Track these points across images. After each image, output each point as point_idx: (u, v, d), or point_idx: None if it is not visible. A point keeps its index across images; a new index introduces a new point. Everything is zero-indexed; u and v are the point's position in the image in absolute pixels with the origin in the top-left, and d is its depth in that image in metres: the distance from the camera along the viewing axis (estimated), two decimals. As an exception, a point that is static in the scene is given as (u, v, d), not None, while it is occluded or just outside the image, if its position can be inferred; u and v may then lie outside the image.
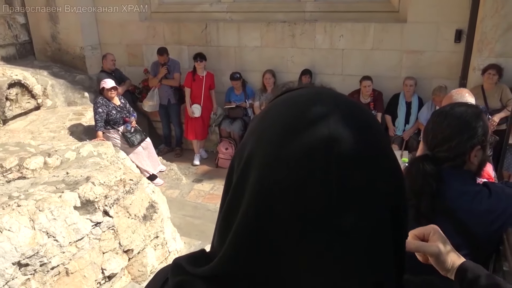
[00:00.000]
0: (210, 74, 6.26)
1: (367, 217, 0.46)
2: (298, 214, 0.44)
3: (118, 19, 6.87)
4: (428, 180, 1.32)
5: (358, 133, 0.47)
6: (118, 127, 5.37)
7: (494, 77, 4.69)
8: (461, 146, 1.36)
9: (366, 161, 0.46)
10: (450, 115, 1.40)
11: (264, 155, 0.47)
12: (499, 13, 4.60)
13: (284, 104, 0.51)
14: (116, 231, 2.91)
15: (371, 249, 0.46)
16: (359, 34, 5.78)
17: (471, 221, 1.32)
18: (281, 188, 0.45)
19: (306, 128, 0.46)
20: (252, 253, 0.46)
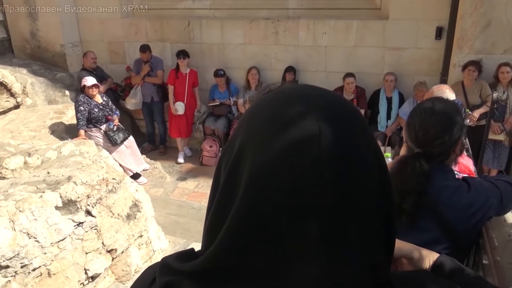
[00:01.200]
0: (193, 72, 6.22)
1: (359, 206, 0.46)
2: (291, 206, 0.45)
3: (99, 16, 6.77)
4: (421, 178, 1.33)
5: (347, 126, 0.48)
6: (100, 126, 5.30)
7: (474, 74, 4.77)
8: (451, 140, 1.39)
9: (356, 156, 0.47)
10: (436, 111, 1.40)
11: (254, 146, 0.47)
12: (478, 10, 4.68)
13: (272, 98, 0.52)
14: (99, 231, 2.88)
15: (364, 238, 0.47)
16: (342, 31, 5.82)
17: (451, 215, 1.35)
18: (274, 181, 0.45)
19: (296, 119, 0.46)
20: (246, 244, 0.46)
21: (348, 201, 0.46)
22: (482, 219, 1.40)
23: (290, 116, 0.47)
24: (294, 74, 5.99)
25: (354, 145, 0.48)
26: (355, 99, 5.71)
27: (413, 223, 1.34)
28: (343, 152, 0.46)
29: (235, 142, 0.50)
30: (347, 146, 0.47)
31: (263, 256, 0.45)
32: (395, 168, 1.37)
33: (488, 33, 4.75)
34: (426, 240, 1.35)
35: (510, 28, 4.65)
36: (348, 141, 0.47)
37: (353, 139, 0.48)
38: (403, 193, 1.33)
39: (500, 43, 4.75)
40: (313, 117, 0.46)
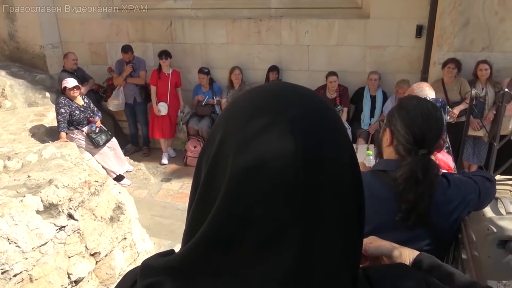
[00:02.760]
0: (176, 72, 6.19)
1: (336, 209, 0.47)
2: (270, 205, 0.45)
3: (80, 17, 6.68)
4: (437, 179, 1.34)
5: (323, 118, 0.49)
6: (82, 128, 5.24)
7: (454, 71, 4.85)
8: (441, 137, 1.42)
9: (331, 156, 0.48)
10: (432, 111, 1.41)
11: (235, 139, 0.48)
12: (456, 9, 4.76)
13: (251, 94, 0.53)
14: (82, 234, 2.84)
15: (341, 239, 0.48)
16: (324, 30, 5.86)
17: (432, 211, 1.36)
18: (253, 181, 0.46)
19: (273, 113, 0.47)
20: (225, 240, 0.46)
21: (323, 200, 0.46)
22: (462, 215, 1.42)
23: (267, 116, 0.48)
24: (277, 74, 6.01)
25: (329, 146, 0.48)
26: (337, 97, 5.76)
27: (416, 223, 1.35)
28: (319, 152, 0.47)
29: (214, 140, 0.50)
30: (322, 147, 0.47)
31: (242, 251, 0.46)
32: (414, 171, 1.31)
33: (467, 31, 4.84)
34: (408, 236, 1.37)
35: (487, 26, 4.75)
36: (324, 142, 0.48)
37: (329, 140, 0.49)
38: (422, 196, 1.31)
39: (478, 41, 4.85)
40: (290, 118, 0.47)
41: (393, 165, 1.40)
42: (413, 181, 1.30)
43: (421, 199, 1.30)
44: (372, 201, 1.39)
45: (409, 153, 1.36)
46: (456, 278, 0.86)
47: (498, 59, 4.86)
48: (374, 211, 1.37)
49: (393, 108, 1.49)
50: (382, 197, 1.37)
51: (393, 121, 1.43)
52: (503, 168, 3.59)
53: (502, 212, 1.72)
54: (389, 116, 1.47)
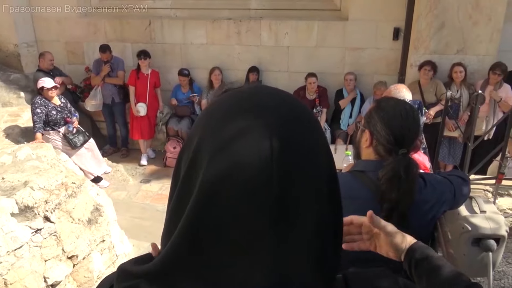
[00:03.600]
0: (155, 72, 6.13)
1: (311, 215, 0.48)
2: (243, 208, 0.45)
3: (56, 16, 6.54)
4: (418, 178, 1.36)
5: (298, 124, 0.49)
6: (58, 128, 5.13)
7: (430, 73, 4.95)
8: (418, 137, 1.44)
9: (308, 152, 0.49)
10: (410, 111, 1.43)
11: (210, 145, 0.48)
12: (432, 12, 4.87)
13: (228, 98, 0.52)
14: (58, 237, 2.79)
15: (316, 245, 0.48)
16: (303, 32, 5.90)
17: (409, 211, 1.39)
18: (227, 184, 0.46)
19: (249, 119, 0.47)
20: (199, 243, 0.46)
21: (298, 206, 0.47)
22: (438, 214, 1.45)
23: (244, 121, 0.47)
24: (257, 74, 6.02)
25: (306, 152, 0.49)
26: (317, 99, 5.81)
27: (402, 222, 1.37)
28: (295, 158, 0.47)
29: (192, 141, 0.50)
30: (299, 152, 0.48)
31: (217, 255, 0.46)
32: (397, 171, 1.33)
33: (442, 34, 4.95)
34: None
35: (462, 30, 4.87)
36: (301, 147, 0.48)
37: (306, 145, 0.49)
38: (404, 195, 1.33)
39: (453, 44, 4.96)
40: (266, 123, 0.47)
41: (372, 166, 1.41)
42: (396, 181, 1.32)
43: (403, 198, 1.32)
44: (351, 202, 1.41)
45: (390, 153, 1.38)
46: (443, 271, 0.88)
47: (472, 61, 4.99)
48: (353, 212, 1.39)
49: (371, 109, 1.50)
50: (362, 197, 1.39)
51: (372, 122, 1.45)
52: (477, 168, 3.69)
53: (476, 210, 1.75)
54: (367, 118, 1.48)
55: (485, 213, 1.73)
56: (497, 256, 1.77)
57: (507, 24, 4.90)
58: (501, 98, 4.75)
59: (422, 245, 1.00)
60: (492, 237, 1.68)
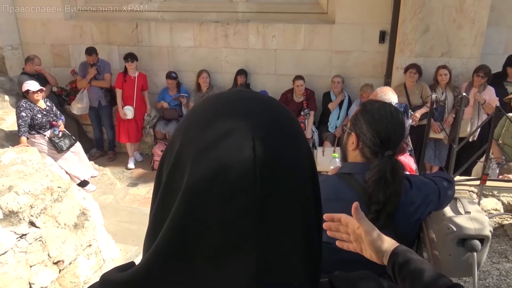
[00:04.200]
0: (142, 75, 6.10)
1: (295, 218, 0.48)
2: (225, 214, 0.45)
3: (41, 18, 6.47)
4: (404, 179, 1.38)
5: (281, 132, 0.49)
6: (44, 132, 5.07)
7: (415, 76, 5.01)
8: (404, 138, 1.46)
9: (291, 161, 0.49)
10: (393, 113, 1.44)
11: (192, 152, 0.47)
12: (417, 16, 4.93)
13: (210, 103, 0.52)
14: (44, 242, 2.75)
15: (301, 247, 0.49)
16: (291, 35, 5.93)
17: (395, 213, 1.40)
18: (209, 192, 0.46)
19: (232, 127, 0.47)
20: (182, 250, 0.46)
21: (281, 210, 0.47)
22: (423, 215, 1.47)
23: (226, 125, 0.48)
24: (245, 77, 6.03)
25: (288, 155, 0.49)
26: (304, 101, 5.84)
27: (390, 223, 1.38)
28: (277, 162, 0.47)
29: (173, 147, 0.50)
30: (281, 156, 0.48)
31: (202, 259, 0.46)
32: (384, 173, 1.35)
33: (427, 38, 5.01)
34: None
35: (446, 33, 4.94)
36: (283, 151, 0.48)
37: (288, 149, 0.49)
38: (391, 196, 1.34)
39: (438, 47, 5.03)
40: (249, 126, 0.47)
41: (359, 168, 1.43)
42: (383, 182, 1.34)
43: (390, 199, 1.34)
44: (338, 203, 1.42)
45: (376, 156, 1.40)
46: (425, 273, 0.90)
47: (457, 64, 5.07)
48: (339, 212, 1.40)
49: (357, 112, 1.51)
50: (348, 199, 1.40)
51: (358, 125, 1.46)
52: (462, 169, 3.74)
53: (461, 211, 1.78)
54: (353, 120, 1.50)
55: (470, 214, 1.76)
56: (482, 256, 1.80)
57: (490, 27, 4.98)
58: (485, 101, 4.83)
59: (405, 248, 1.01)
60: (476, 238, 1.71)
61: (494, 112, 3.54)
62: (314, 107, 5.88)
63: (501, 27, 5.31)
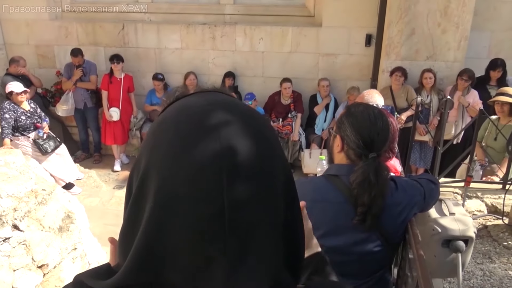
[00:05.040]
0: (128, 77, 6.05)
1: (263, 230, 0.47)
2: (194, 227, 0.45)
3: (25, 18, 6.39)
4: (388, 181, 1.38)
5: (251, 145, 0.47)
6: (28, 134, 5.00)
7: (400, 79, 5.07)
8: (390, 142, 1.47)
9: (260, 175, 0.47)
10: (379, 115, 1.45)
11: (159, 170, 0.47)
12: (403, 19, 4.99)
13: (176, 117, 0.51)
14: (28, 246, 2.71)
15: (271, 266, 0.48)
16: (278, 37, 5.95)
17: (381, 214, 1.42)
18: (177, 203, 0.45)
19: (198, 143, 0.46)
20: (151, 265, 0.46)
21: (251, 224, 0.46)
22: (408, 216, 1.49)
23: (193, 138, 0.47)
24: (233, 80, 6.03)
25: (258, 165, 0.48)
26: (292, 104, 5.86)
27: (376, 224, 1.39)
28: (246, 173, 0.46)
29: (140, 162, 0.50)
30: (249, 167, 0.47)
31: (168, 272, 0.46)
32: (367, 175, 1.36)
33: (412, 41, 5.08)
34: (359, 238, 1.41)
35: (431, 37, 5.01)
36: (252, 160, 0.47)
37: (258, 159, 0.48)
38: (375, 198, 1.35)
39: (423, 50, 5.10)
40: (216, 140, 0.46)
41: (344, 170, 1.44)
42: (367, 184, 1.34)
43: (375, 201, 1.35)
44: (325, 204, 1.43)
45: (360, 158, 1.41)
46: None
47: (441, 67, 5.14)
48: (326, 215, 1.41)
49: (342, 115, 1.53)
50: (335, 200, 1.41)
51: (342, 128, 1.47)
52: (446, 171, 3.79)
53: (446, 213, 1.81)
54: (338, 123, 1.51)
55: (454, 215, 1.78)
56: (466, 257, 1.83)
57: (473, 32, 5.07)
58: (469, 104, 4.90)
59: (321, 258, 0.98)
60: (461, 239, 1.73)
61: (478, 115, 3.59)
62: (301, 109, 5.91)
63: (484, 32, 5.41)
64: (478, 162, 4.16)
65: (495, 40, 5.50)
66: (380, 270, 1.48)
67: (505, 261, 2.94)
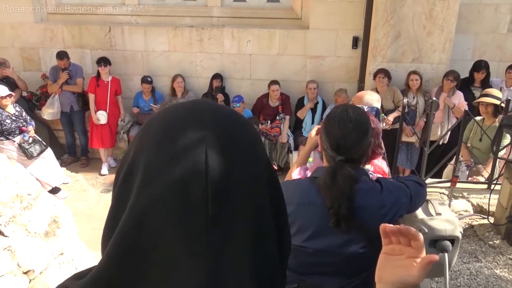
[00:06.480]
0: (115, 79, 6.01)
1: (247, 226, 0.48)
2: (178, 229, 0.46)
3: (10, 21, 6.30)
4: (351, 184, 1.39)
5: (235, 154, 0.49)
6: (13, 138, 4.93)
7: (384, 80, 5.11)
8: (366, 145, 1.47)
9: (244, 182, 0.49)
10: (352, 119, 1.46)
11: (143, 177, 0.48)
12: (388, 22, 5.05)
13: (162, 114, 0.53)
14: (13, 252, 2.66)
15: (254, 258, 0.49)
16: (265, 40, 5.96)
17: (364, 216, 1.42)
18: (159, 209, 0.46)
19: (183, 153, 0.47)
20: (125, 261, 0.47)
21: (232, 220, 0.47)
22: (395, 217, 1.50)
23: (179, 136, 0.48)
24: (221, 81, 6.03)
25: (241, 168, 0.49)
26: (280, 106, 5.87)
27: (350, 226, 1.40)
28: (229, 175, 0.47)
29: (128, 156, 0.51)
30: (232, 169, 0.48)
31: (150, 269, 0.46)
32: (328, 180, 1.39)
33: (398, 44, 5.14)
34: (344, 240, 1.42)
35: (416, 39, 5.07)
36: (235, 164, 0.48)
37: (241, 162, 0.49)
38: (337, 200, 1.37)
39: (409, 52, 5.16)
40: (201, 141, 0.47)
41: (322, 172, 1.46)
42: (325, 188, 1.38)
43: (336, 203, 1.36)
44: (310, 207, 1.44)
45: (333, 160, 1.45)
46: None
47: (427, 69, 5.21)
48: (312, 217, 1.42)
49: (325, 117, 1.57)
50: (319, 203, 1.42)
51: (322, 130, 1.52)
52: (433, 172, 3.83)
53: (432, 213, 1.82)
54: (322, 125, 1.55)
55: (441, 215, 1.80)
56: (453, 256, 1.84)
57: (458, 34, 5.15)
58: (454, 105, 4.97)
59: None
60: (447, 238, 1.75)
61: (463, 116, 3.64)
62: (289, 111, 5.92)
63: (468, 34, 5.50)
64: (464, 163, 4.21)
65: (479, 43, 5.59)
66: (365, 271, 1.49)
67: (491, 260, 2.98)
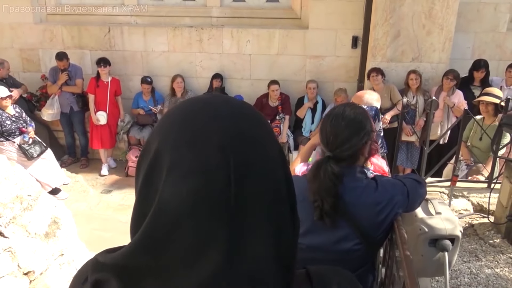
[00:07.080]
0: (115, 80, 6.01)
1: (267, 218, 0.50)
2: (194, 218, 0.47)
3: (9, 21, 6.30)
4: (334, 180, 1.40)
5: (254, 144, 0.51)
6: (13, 139, 4.93)
7: (378, 78, 5.08)
8: (358, 143, 1.47)
9: (263, 171, 0.50)
10: (346, 117, 1.48)
11: (169, 162, 0.49)
12: (388, 21, 5.04)
13: (182, 105, 0.54)
14: (13, 253, 2.66)
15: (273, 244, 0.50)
16: (265, 40, 5.96)
17: (359, 213, 1.44)
18: (183, 194, 0.47)
19: (204, 142, 0.49)
20: (159, 244, 0.48)
21: (253, 210, 0.49)
22: (390, 215, 1.49)
23: (199, 128, 0.50)
24: (221, 81, 6.03)
25: (259, 162, 0.51)
26: (280, 106, 5.87)
27: (335, 222, 1.41)
28: (248, 168, 0.49)
29: (150, 149, 0.52)
30: (251, 162, 0.50)
31: (176, 255, 0.48)
32: (311, 173, 1.44)
33: (398, 43, 5.13)
34: (338, 237, 1.43)
35: (416, 38, 5.07)
36: (253, 157, 0.50)
37: (259, 155, 0.51)
38: (321, 196, 1.39)
39: (409, 52, 5.16)
40: (220, 135, 0.49)
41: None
42: (309, 182, 1.43)
43: (319, 197, 1.40)
44: (305, 204, 1.45)
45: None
46: None
47: (427, 69, 5.20)
48: (307, 214, 1.43)
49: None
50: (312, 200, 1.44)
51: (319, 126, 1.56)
52: (433, 171, 3.83)
53: (432, 212, 1.83)
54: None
55: (441, 215, 1.80)
56: (453, 256, 1.85)
57: (458, 33, 5.14)
58: (454, 104, 4.96)
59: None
60: (447, 238, 1.75)
61: (463, 115, 3.64)
62: (289, 111, 5.92)
63: (468, 33, 5.49)
64: (464, 162, 4.21)
65: (478, 41, 5.59)
66: (361, 268, 1.49)
67: (491, 259, 2.98)
